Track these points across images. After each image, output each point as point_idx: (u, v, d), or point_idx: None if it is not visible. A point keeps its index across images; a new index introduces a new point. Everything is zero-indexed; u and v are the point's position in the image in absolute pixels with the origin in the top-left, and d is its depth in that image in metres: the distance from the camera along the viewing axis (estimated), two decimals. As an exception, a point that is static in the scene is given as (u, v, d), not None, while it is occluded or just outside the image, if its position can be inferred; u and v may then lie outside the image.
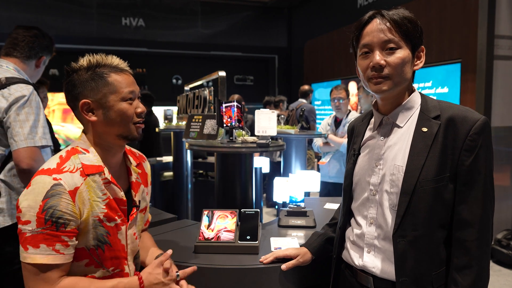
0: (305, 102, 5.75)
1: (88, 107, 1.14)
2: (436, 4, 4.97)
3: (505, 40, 4.16)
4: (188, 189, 3.89)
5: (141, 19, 8.53)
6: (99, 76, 1.14)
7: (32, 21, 7.59)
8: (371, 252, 1.20)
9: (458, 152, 1.09)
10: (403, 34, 1.13)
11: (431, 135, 1.12)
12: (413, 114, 1.18)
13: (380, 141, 1.22)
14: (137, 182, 1.29)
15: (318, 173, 2.92)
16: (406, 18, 1.13)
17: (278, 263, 1.47)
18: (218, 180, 2.14)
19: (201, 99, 2.56)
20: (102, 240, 1.13)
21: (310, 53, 8.59)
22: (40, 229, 1.02)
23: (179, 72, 9.30)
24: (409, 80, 1.17)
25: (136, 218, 1.28)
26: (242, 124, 2.08)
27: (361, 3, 6.83)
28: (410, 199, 1.11)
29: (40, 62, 2.01)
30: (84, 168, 1.11)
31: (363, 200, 1.24)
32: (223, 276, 1.44)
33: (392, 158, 1.17)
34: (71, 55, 8.30)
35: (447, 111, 1.13)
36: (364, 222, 1.23)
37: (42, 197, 1.03)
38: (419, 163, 1.11)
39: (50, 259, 1.03)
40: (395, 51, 1.13)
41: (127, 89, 1.16)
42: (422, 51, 1.17)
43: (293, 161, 3.37)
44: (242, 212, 1.75)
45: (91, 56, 1.18)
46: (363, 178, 1.24)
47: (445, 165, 1.10)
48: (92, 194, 1.11)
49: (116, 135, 1.17)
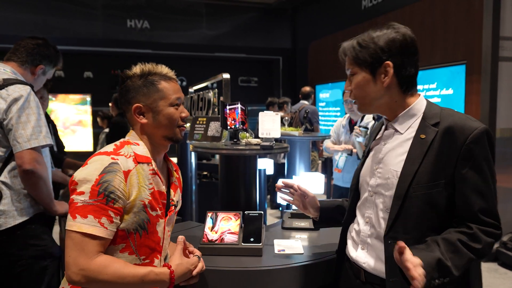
0: (307, 103, 5.74)
1: (140, 110, 1.27)
2: (441, 6, 4.96)
3: (510, 41, 4.14)
4: (193, 191, 3.90)
5: (146, 20, 8.56)
6: (151, 83, 1.27)
7: (36, 23, 7.65)
8: (365, 249, 1.29)
9: (455, 160, 1.12)
10: (353, 61, 1.25)
11: (427, 142, 1.16)
12: (415, 121, 1.23)
13: (382, 146, 1.30)
14: (176, 184, 1.40)
15: (322, 175, 2.92)
16: (359, 44, 1.23)
17: (282, 264, 1.47)
18: (222, 182, 2.15)
19: (205, 101, 2.57)
20: (142, 226, 1.21)
21: (315, 55, 8.59)
22: (92, 201, 1.11)
23: (183, 73, 9.33)
24: (382, 96, 1.23)
25: (172, 217, 1.37)
26: (246, 126, 2.09)
27: (365, 4, 6.82)
28: (402, 203, 1.16)
29: (37, 70, 1.96)
30: (136, 157, 1.23)
31: (363, 200, 1.33)
32: (227, 278, 1.45)
33: (389, 163, 1.23)
34: (76, 56, 8.34)
35: (446, 119, 1.17)
36: (362, 220, 1.32)
37: (100, 172, 1.13)
38: (413, 169, 1.15)
39: (94, 230, 1.11)
40: (352, 77, 1.27)
41: (175, 95, 1.29)
42: (387, 66, 1.20)
43: (297, 163, 3.37)
44: (245, 214, 1.76)
45: (144, 65, 1.30)
46: (364, 179, 1.33)
47: (440, 172, 1.13)
48: (141, 180, 1.21)
49: (162, 136, 1.29)
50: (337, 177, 3.70)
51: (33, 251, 1.79)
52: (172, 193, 1.36)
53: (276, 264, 1.48)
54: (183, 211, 3.89)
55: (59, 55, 2.06)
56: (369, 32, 1.25)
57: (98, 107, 7.64)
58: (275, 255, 1.59)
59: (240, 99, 2.07)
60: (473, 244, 1.10)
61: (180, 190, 1.44)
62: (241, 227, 1.68)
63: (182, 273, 1.25)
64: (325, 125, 7.64)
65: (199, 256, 1.35)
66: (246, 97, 9.57)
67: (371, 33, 1.24)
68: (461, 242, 1.10)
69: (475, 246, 1.10)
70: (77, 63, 8.34)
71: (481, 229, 1.12)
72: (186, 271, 1.26)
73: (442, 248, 1.09)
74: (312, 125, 5.05)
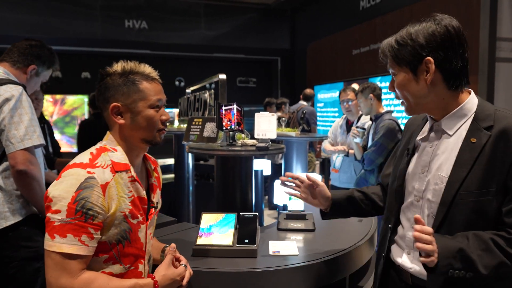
0: (305, 104, 5.75)
1: (118, 110, 1.21)
2: (439, 6, 4.96)
3: (507, 42, 4.15)
4: (190, 192, 3.90)
5: (144, 21, 8.56)
6: (132, 83, 1.21)
7: (35, 23, 7.65)
8: (411, 253, 1.24)
9: (508, 167, 1.05)
10: (392, 60, 1.20)
11: (478, 147, 1.09)
12: (465, 122, 1.15)
13: (429, 148, 1.22)
14: (155, 185, 1.36)
15: (319, 176, 2.92)
16: (396, 41, 1.18)
17: (276, 266, 1.47)
18: (218, 183, 2.14)
19: (202, 101, 2.57)
20: (124, 236, 1.18)
21: (313, 55, 8.59)
22: (69, 219, 1.06)
23: (182, 74, 9.33)
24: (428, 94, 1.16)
25: (153, 219, 1.34)
26: (242, 127, 2.08)
27: (363, 5, 6.82)
28: (448, 210, 1.11)
29: (29, 69, 1.93)
30: (113, 165, 1.17)
31: (408, 203, 1.26)
32: (221, 280, 1.44)
33: (437, 168, 1.17)
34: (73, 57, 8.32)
35: (501, 122, 1.09)
36: (407, 224, 1.26)
37: (76, 188, 1.07)
38: (462, 175, 1.09)
39: (75, 249, 1.07)
40: (396, 77, 1.21)
41: (156, 97, 1.23)
42: (428, 62, 1.13)
43: (294, 164, 3.36)
44: (240, 215, 1.75)
45: (126, 63, 1.24)
46: (410, 182, 1.27)
47: (491, 179, 1.06)
48: (119, 190, 1.16)
49: (141, 139, 1.23)
50: (334, 178, 3.70)
51: (26, 252, 1.78)
52: (151, 195, 1.33)
53: (271, 266, 1.47)
54: (180, 212, 3.89)
55: (54, 57, 2.03)
56: (408, 27, 1.17)
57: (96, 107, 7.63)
58: (269, 256, 1.58)
59: (238, 100, 2.06)
60: (508, 248, 1.03)
61: (159, 188, 1.40)
62: (236, 229, 1.67)
63: (167, 284, 1.21)
64: (323, 125, 7.63)
65: (185, 265, 1.31)
66: (245, 97, 9.58)
67: (410, 28, 1.17)
68: (494, 243, 1.04)
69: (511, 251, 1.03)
70: (74, 64, 8.35)
71: None
72: (171, 282, 1.23)
73: (471, 242, 1.04)
74: (309, 126, 5.05)
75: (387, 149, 3.03)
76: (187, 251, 1.60)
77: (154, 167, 1.40)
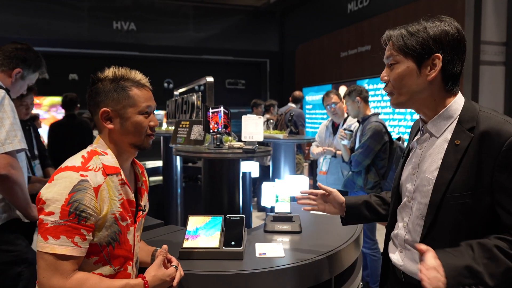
0: (294, 106, 5.77)
1: (107, 115, 1.23)
2: (425, 10, 5.04)
3: (491, 45, 4.23)
4: (178, 194, 3.89)
5: (133, 22, 8.52)
6: (122, 89, 1.23)
7: (22, 24, 7.56)
8: (403, 252, 1.28)
9: (492, 168, 1.06)
10: (398, 48, 1.16)
11: (462, 149, 1.10)
12: (450, 124, 1.16)
13: (419, 150, 1.24)
14: (143, 188, 1.39)
15: (306, 178, 2.93)
16: (409, 32, 1.15)
17: (263, 268, 1.48)
18: (205, 186, 2.15)
19: (189, 104, 2.57)
20: (114, 238, 1.20)
21: (302, 57, 8.64)
22: (62, 221, 1.08)
23: (170, 76, 9.30)
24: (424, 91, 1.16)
25: (141, 221, 1.36)
26: (229, 129, 2.09)
27: (351, 8, 6.89)
28: (437, 212, 1.13)
29: (14, 73, 1.92)
30: (105, 168, 1.20)
31: (403, 204, 1.30)
32: (208, 282, 1.44)
33: (424, 170, 1.19)
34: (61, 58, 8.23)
35: (483, 123, 1.10)
36: (401, 224, 1.30)
37: (69, 191, 1.09)
38: (448, 177, 1.11)
39: (68, 250, 1.09)
40: (394, 66, 1.18)
41: (145, 103, 1.25)
42: (437, 58, 1.13)
43: (282, 166, 3.38)
44: (227, 218, 1.76)
45: (117, 69, 1.26)
46: (404, 183, 1.30)
47: (477, 180, 1.07)
48: (111, 193, 1.19)
49: (129, 144, 1.26)
50: (321, 179, 3.73)
51: (6, 257, 1.76)
52: (139, 198, 1.35)
53: (257, 268, 1.48)
54: (168, 214, 3.87)
55: (41, 60, 2.01)
56: (421, 21, 1.16)
57: (83, 109, 7.55)
58: (256, 258, 1.59)
59: (227, 102, 2.07)
60: None
61: (146, 192, 1.43)
62: (222, 231, 1.68)
63: (157, 284, 1.23)
64: (312, 127, 7.68)
65: (176, 266, 1.33)
66: (233, 99, 9.58)
67: (423, 22, 1.16)
68: (499, 249, 1.03)
69: None
70: (62, 65, 8.25)
71: None
72: (161, 282, 1.25)
73: (476, 253, 1.03)
74: (297, 128, 5.07)
75: (374, 151, 3.06)
76: (173, 254, 1.59)
77: (141, 171, 1.43)
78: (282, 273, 1.49)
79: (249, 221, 3.47)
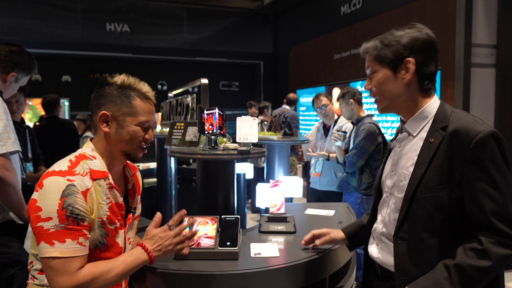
0: (288, 108, 5.80)
1: (105, 118, 1.25)
2: (417, 13, 5.09)
3: (482, 48, 4.28)
4: (172, 196, 3.89)
5: (126, 24, 8.50)
6: (126, 97, 1.25)
7: (14, 25, 7.51)
8: (379, 245, 1.36)
9: (461, 164, 1.14)
10: (375, 59, 1.28)
11: (435, 146, 1.19)
12: (426, 124, 1.26)
13: (397, 148, 1.35)
14: (133, 190, 1.40)
15: (300, 179, 2.95)
16: (381, 42, 1.27)
17: (258, 268, 1.49)
18: (200, 187, 2.16)
19: (184, 106, 2.58)
20: (101, 241, 1.22)
21: (295, 60, 8.67)
22: (63, 225, 1.11)
23: (164, 78, 9.28)
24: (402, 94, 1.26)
25: (132, 224, 1.37)
26: (223, 131, 2.10)
27: (344, 10, 6.94)
28: (410, 205, 1.21)
29: (8, 77, 1.92)
30: (92, 173, 1.21)
31: (382, 200, 1.39)
32: (203, 282, 1.45)
33: (402, 166, 1.28)
34: (54, 60, 8.18)
35: (454, 122, 1.19)
36: (379, 218, 1.38)
37: (60, 196, 1.11)
38: (421, 172, 1.19)
39: (76, 252, 1.12)
40: (373, 75, 1.30)
41: (145, 118, 1.28)
42: (409, 62, 1.23)
43: (276, 167, 3.40)
44: (222, 218, 1.77)
45: (127, 77, 1.29)
46: (385, 180, 1.38)
47: (447, 175, 1.16)
48: (98, 197, 1.21)
49: (121, 151, 1.28)
50: (314, 181, 3.75)
51: (0, 259, 1.76)
52: (129, 201, 1.37)
53: (252, 268, 1.49)
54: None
55: (34, 63, 2.01)
56: (392, 31, 1.28)
57: (76, 111, 7.54)
58: (251, 258, 1.60)
59: (221, 104, 2.08)
60: (482, 262, 1.09)
61: (138, 193, 1.44)
62: (217, 231, 1.69)
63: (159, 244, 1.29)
64: (306, 129, 7.71)
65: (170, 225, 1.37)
66: (227, 101, 9.59)
67: (394, 32, 1.27)
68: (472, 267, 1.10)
69: (485, 264, 1.09)
70: (55, 67, 8.21)
71: (494, 241, 1.10)
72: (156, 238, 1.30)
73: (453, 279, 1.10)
74: (291, 130, 5.09)
75: (368, 151, 3.09)
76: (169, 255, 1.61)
77: (133, 173, 1.43)
78: (277, 273, 1.50)
79: (244, 222, 3.48)
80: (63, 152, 1.29)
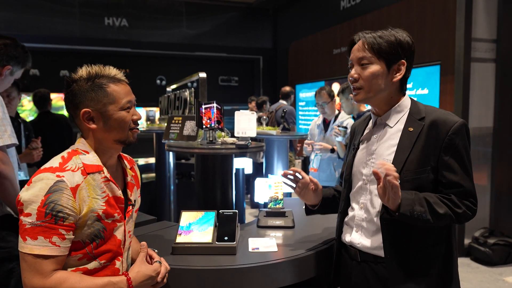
0: (285, 103, 5.77)
1: (89, 115, 1.22)
2: (417, 8, 5.07)
3: (482, 43, 4.26)
4: (171, 191, 3.88)
5: (125, 19, 8.45)
6: (99, 87, 1.21)
7: (11, 20, 7.46)
8: (358, 231, 1.43)
9: (439, 150, 1.29)
10: (375, 52, 1.34)
11: (415, 134, 1.32)
12: (402, 116, 1.39)
13: (374, 138, 1.44)
14: (132, 183, 1.38)
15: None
16: (382, 38, 1.34)
17: (256, 262, 1.48)
18: (198, 181, 2.14)
19: (182, 100, 2.56)
20: (98, 235, 1.20)
21: (295, 54, 8.64)
22: (39, 222, 1.09)
23: (163, 72, 9.25)
24: (386, 89, 1.37)
25: (131, 216, 1.35)
26: (221, 125, 2.09)
27: (344, 5, 6.90)
28: None
29: (4, 70, 1.90)
30: (85, 167, 1.19)
31: (358, 188, 1.46)
32: (201, 277, 1.45)
33: (382, 153, 1.38)
34: (52, 54, 8.13)
35: (431, 114, 1.34)
36: (357, 206, 1.46)
37: (45, 192, 1.09)
38: (403, 158, 1.31)
39: (46, 251, 1.09)
40: (367, 66, 1.35)
41: (125, 99, 1.25)
42: (402, 64, 1.35)
43: (275, 162, 3.39)
44: (220, 213, 1.76)
45: (90, 67, 1.24)
46: (358, 169, 1.46)
47: (427, 159, 1.30)
48: (91, 192, 1.18)
49: (114, 140, 1.25)
50: (313, 176, 3.73)
51: None
52: (128, 193, 1.35)
53: (250, 262, 1.49)
54: (161, 211, 3.87)
55: (28, 56, 1.99)
56: (391, 30, 1.36)
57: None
58: (249, 253, 1.59)
59: (220, 99, 2.07)
60: (453, 206, 1.27)
61: (137, 187, 1.42)
62: (215, 226, 1.68)
63: (141, 280, 1.23)
64: (305, 124, 7.70)
65: (159, 261, 1.33)
66: (227, 96, 9.57)
67: (391, 30, 1.36)
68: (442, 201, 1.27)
69: (456, 209, 1.26)
70: (53, 61, 8.17)
71: (460, 200, 1.28)
72: (146, 278, 1.25)
73: (429, 194, 1.27)
74: (288, 124, 5.07)
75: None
76: (166, 249, 1.60)
77: (130, 166, 1.42)
78: (275, 268, 1.50)
79: (243, 217, 3.48)
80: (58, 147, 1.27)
